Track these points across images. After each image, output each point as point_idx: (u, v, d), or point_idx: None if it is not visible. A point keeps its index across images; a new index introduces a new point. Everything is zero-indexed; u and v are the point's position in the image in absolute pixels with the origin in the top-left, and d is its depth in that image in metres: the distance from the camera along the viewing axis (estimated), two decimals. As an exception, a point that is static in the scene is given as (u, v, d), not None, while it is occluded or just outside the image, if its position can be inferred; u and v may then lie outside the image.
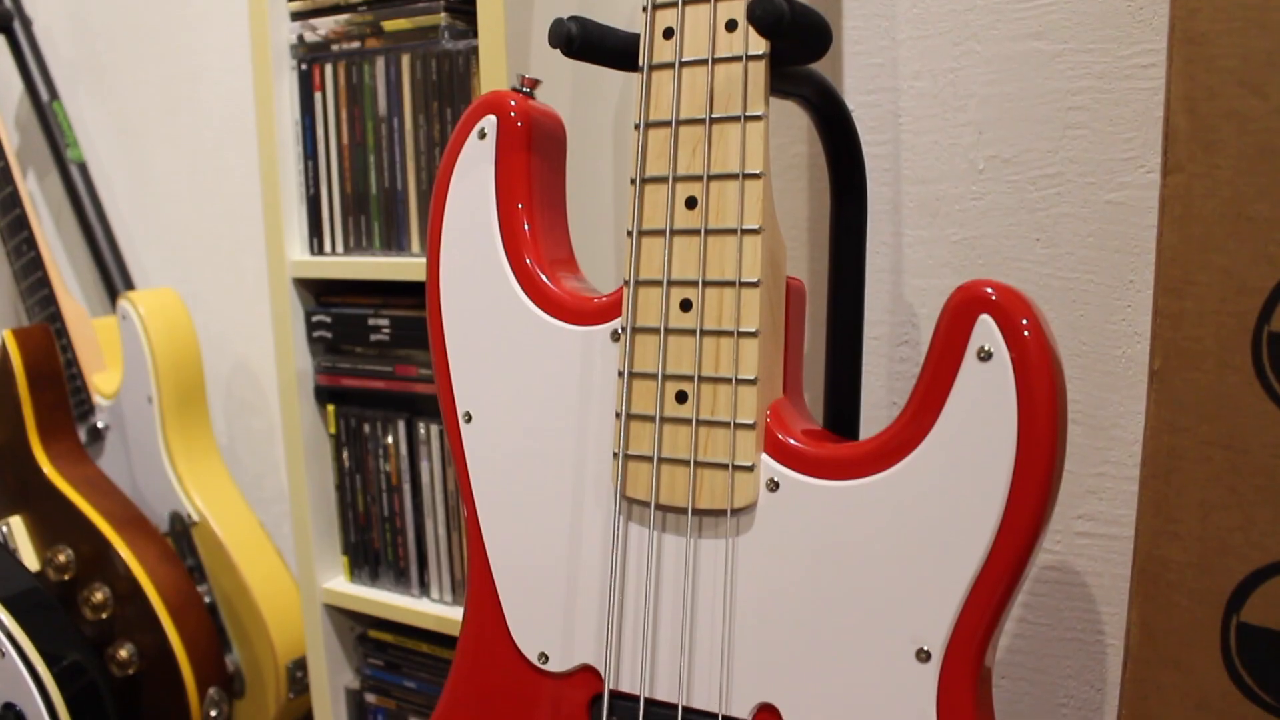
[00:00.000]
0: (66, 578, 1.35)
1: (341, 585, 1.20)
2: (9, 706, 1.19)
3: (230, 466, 1.62)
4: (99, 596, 1.33)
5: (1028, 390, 0.59)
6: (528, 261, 0.75)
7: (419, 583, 1.16)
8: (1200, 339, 0.69)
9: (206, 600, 1.41)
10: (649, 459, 0.69)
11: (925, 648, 0.63)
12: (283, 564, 1.44)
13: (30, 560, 1.37)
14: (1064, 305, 1.01)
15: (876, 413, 1.12)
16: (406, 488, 1.14)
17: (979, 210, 1.03)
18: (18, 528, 1.39)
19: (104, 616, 1.33)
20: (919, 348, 1.09)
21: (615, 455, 0.71)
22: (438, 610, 1.13)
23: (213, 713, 1.35)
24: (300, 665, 1.42)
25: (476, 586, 0.78)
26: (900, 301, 1.09)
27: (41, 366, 1.36)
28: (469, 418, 0.77)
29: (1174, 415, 0.71)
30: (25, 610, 1.22)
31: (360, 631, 1.24)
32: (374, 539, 1.18)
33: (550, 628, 0.75)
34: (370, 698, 1.23)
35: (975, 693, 0.63)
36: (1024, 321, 0.60)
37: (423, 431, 1.11)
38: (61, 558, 1.35)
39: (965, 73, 1.02)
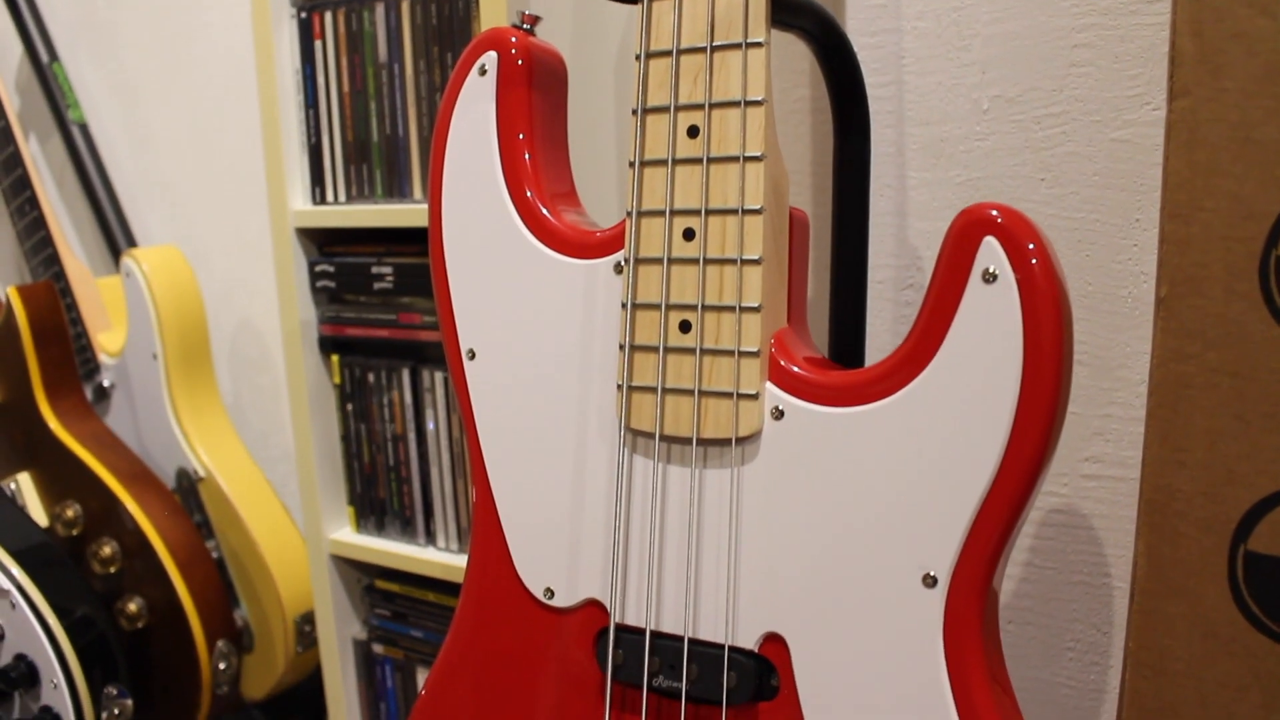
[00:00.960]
0: (75, 533, 1.35)
1: (348, 536, 1.21)
2: (20, 658, 1.20)
3: (236, 425, 1.62)
4: (107, 551, 1.33)
5: (1033, 311, 0.59)
6: (530, 196, 0.74)
7: (425, 532, 1.16)
8: (1207, 265, 0.69)
9: (214, 556, 1.42)
10: (653, 390, 0.69)
11: (931, 573, 0.62)
12: (289, 519, 1.44)
13: (38, 516, 1.38)
14: (1070, 245, 1.00)
15: (881, 356, 1.11)
16: (411, 437, 1.14)
17: (984, 151, 1.03)
18: (26, 484, 1.39)
19: (112, 571, 1.34)
20: (924, 291, 1.08)
21: (619, 387, 0.70)
22: (444, 559, 1.13)
23: (221, 665, 1.35)
24: (308, 619, 1.42)
25: (481, 524, 0.78)
26: (905, 245, 1.09)
27: (46, 323, 1.36)
28: (472, 354, 0.77)
29: (1181, 343, 0.70)
30: (36, 564, 1.22)
31: (367, 582, 1.25)
32: (379, 489, 1.18)
33: (555, 563, 0.75)
34: (378, 648, 1.24)
35: (982, 618, 0.63)
36: (1029, 243, 0.59)
37: (427, 380, 1.11)
38: (69, 513, 1.35)
39: (968, 12, 1.01)
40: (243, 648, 1.44)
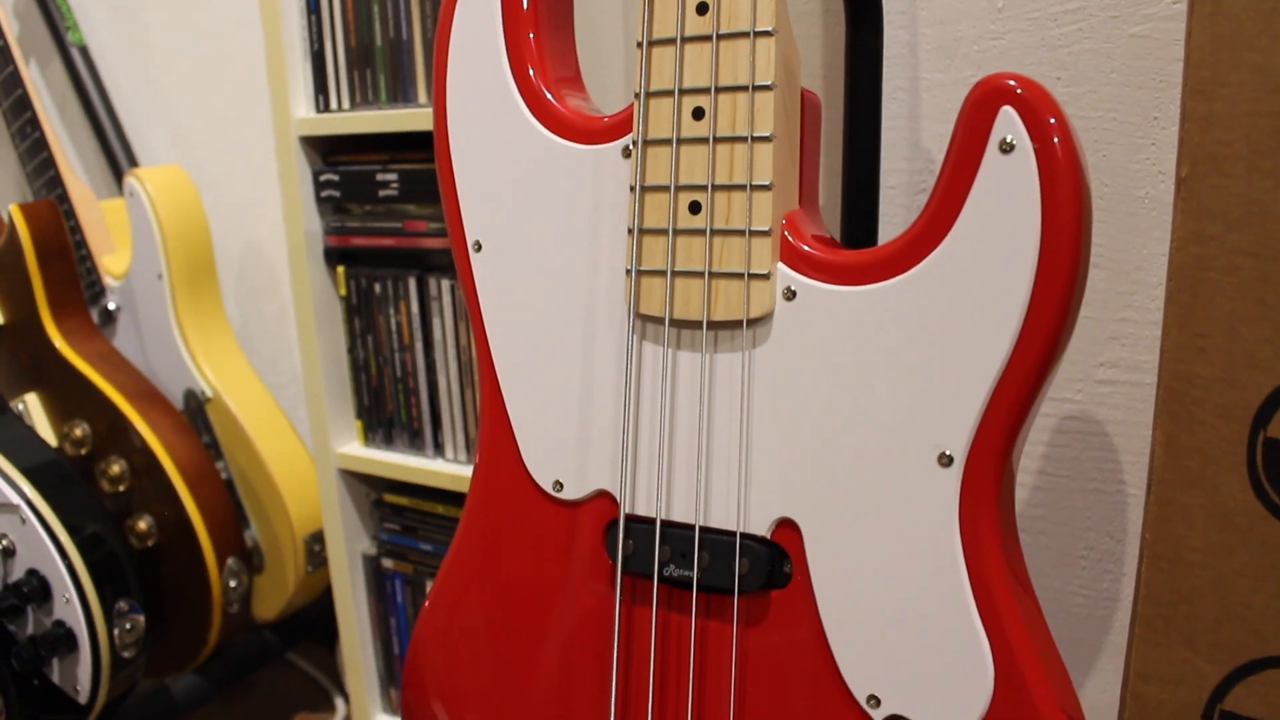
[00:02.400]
0: (83, 452, 1.35)
1: (356, 450, 1.20)
2: (33, 573, 1.20)
3: (244, 351, 1.61)
4: (116, 469, 1.33)
5: (1052, 181, 0.58)
6: (535, 82, 0.73)
7: (433, 443, 1.15)
8: (1230, 143, 0.67)
9: (223, 477, 1.41)
10: (662, 273, 0.68)
11: (947, 452, 0.61)
12: (298, 439, 1.43)
13: (47, 436, 1.38)
14: (1086, 146, 0.98)
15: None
16: (419, 346, 1.13)
17: (998, 50, 1.00)
18: (33, 404, 1.39)
19: (121, 489, 1.34)
20: (937, 195, 1.07)
21: (628, 272, 0.69)
22: (452, 469, 1.12)
23: (232, 583, 1.35)
24: (318, 539, 1.42)
25: (489, 419, 0.77)
26: (918, 149, 1.07)
27: (50, 241, 1.34)
28: (478, 246, 0.76)
29: (1201, 225, 0.69)
30: (46, 481, 1.22)
31: (375, 497, 1.24)
32: (387, 401, 1.17)
33: (564, 455, 0.74)
34: (387, 563, 1.24)
35: (998, 499, 0.62)
36: (1047, 112, 0.58)
37: (434, 288, 1.10)
38: (78, 432, 1.35)
39: (985, -95, 0.99)
40: (253, 568, 1.44)
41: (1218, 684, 0.74)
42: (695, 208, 0.66)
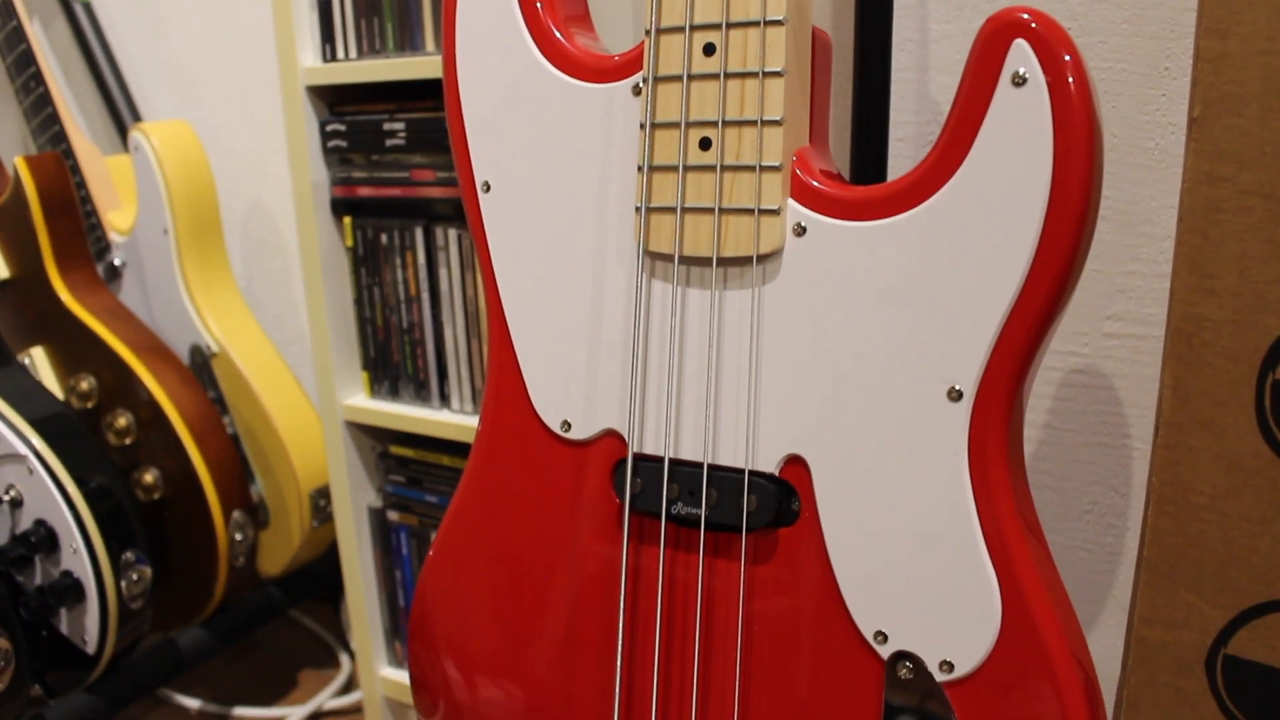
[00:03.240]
0: (89, 405, 1.35)
1: (362, 401, 1.20)
2: (40, 523, 1.20)
3: (250, 309, 1.61)
4: (122, 422, 1.33)
5: (1064, 114, 0.57)
6: (544, 21, 0.73)
7: (439, 395, 1.15)
8: (1243, 82, 0.66)
9: (229, 432, 1.42)
10: (672, 210, 0.67)
11: (957, 386, 0.61)
12: (303, 394, 1.43)
13: (53, 390, 1.38)
14: (1096, 95, 0.98)
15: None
16: (425, 297, 1.13)
17: (1007, 0, 1.00)
18: (39, 358, 1.39)
19: (128, 442, 1.34)
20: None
21: (637, 210, 0.69)
22: (458, 420, 1.13)
23: (238, 536, 1.36)
24: (323, 493, 1.42)
25: (497, 363, 0.77)
26: (926, 100, 1.07)
27: (55, 194, 1.34)
28: (487, 187, 0.76)
29: (1213, 165, 0.68)
30: (53, 433, 1.22)
31: (381, 449, 1.24)
32: (393, 352, 1.17)
33: (572, 395, 0.74)
34: (393, 515, 1.24)
35: (1007, 434, 0.62)
36: (1060, 45, 0.58)
37: (440, 238, 1.10)
38: (84, 385, 1.35)
39: None
40: (258, 523, 1.44)
41: (1222, 628, 0.75)
42: (705, 144, 0.66)
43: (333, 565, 1.55)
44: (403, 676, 1.29)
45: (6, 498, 1.21)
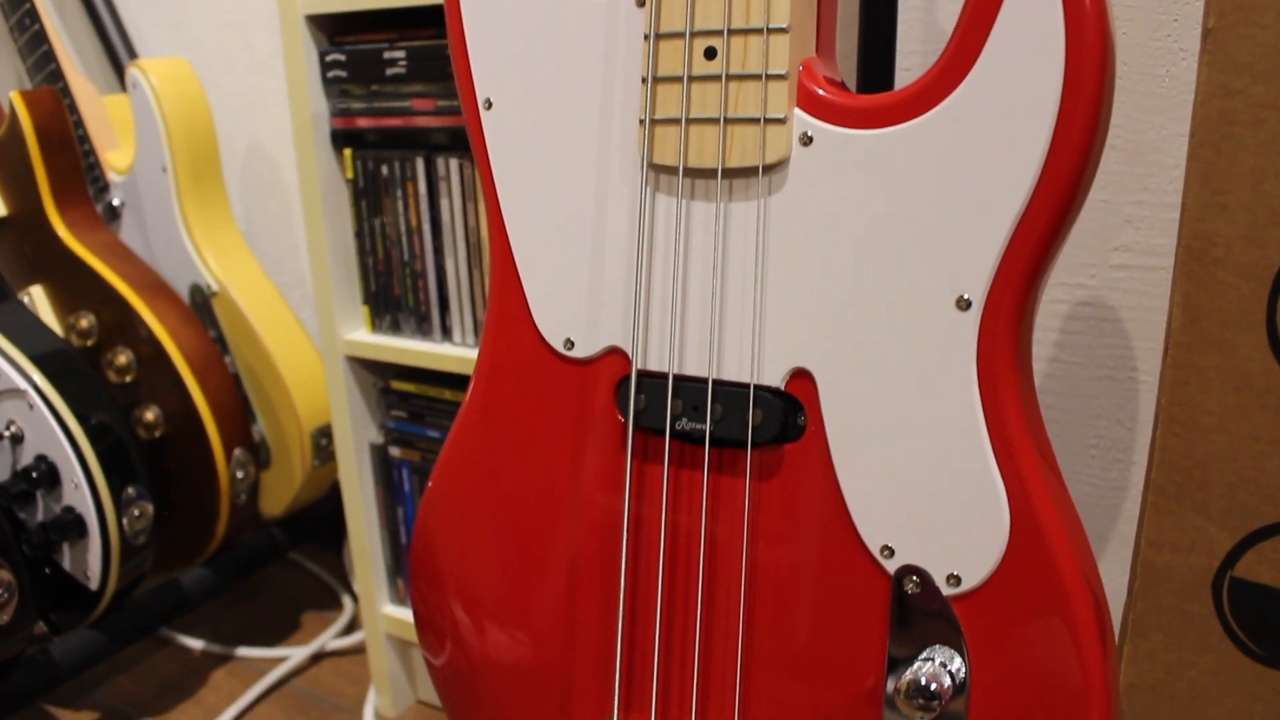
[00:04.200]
0: (89, 344, 1.35)
1: (363, 336, 1.19)
2: (41, 458, 1.20)
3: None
4: (123, 360, 1.32)
5: (1076, 16, 0.56)
6: (547, -69, 0.71)
7: (440, 328, 1.15)
8: (1259, -10, 0.65)
9: (230, 372, 1.41)
10: (677, 121, 0.66)
11: (965, 295, 0.61)
12: (304, 333, 1.43)
13: (52, 329, 1.37)
14: (1106, 21, 0.96)
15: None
16: (426, 228, 1.12)
17: (1019, -76, 0.98)
18: (39, 297, 1.38)
19: (128, 380, 1.33)
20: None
21: (641, 122, 0.68)
22: (460, 353, 1.12)
23: (239, 474, 1.36)
24: (325, 433, 1.42)
25: (499, 284, 0.76)
26: (934, 30, 1.05)
27: (52, 129, 1.33)
28: (489, 104, 0.74)
29: (1227, 78, 0.67)
30: (54, 369, 1.22)
31: (382, 385, 1.24)
32: (394, 285, 1.16)
33: (575, 313, 0.73)
34: (394, 451, 1.23)
35: (1016, 345, 0.61)
36: (1075, -56, 0.56)
37: (442, 168, 1.09)
38: (84, 323, 1.34)
39: None
40: (260, 463, 1.44)
41: (1229, 550, 0.74)
42: (710, 53, 0.65)
43: (335, 507, 1.55)
44: (405, 614, 1.29)
45: (7, 433, 1.21)
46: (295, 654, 1.48)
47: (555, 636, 0.79)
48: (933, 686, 0.62)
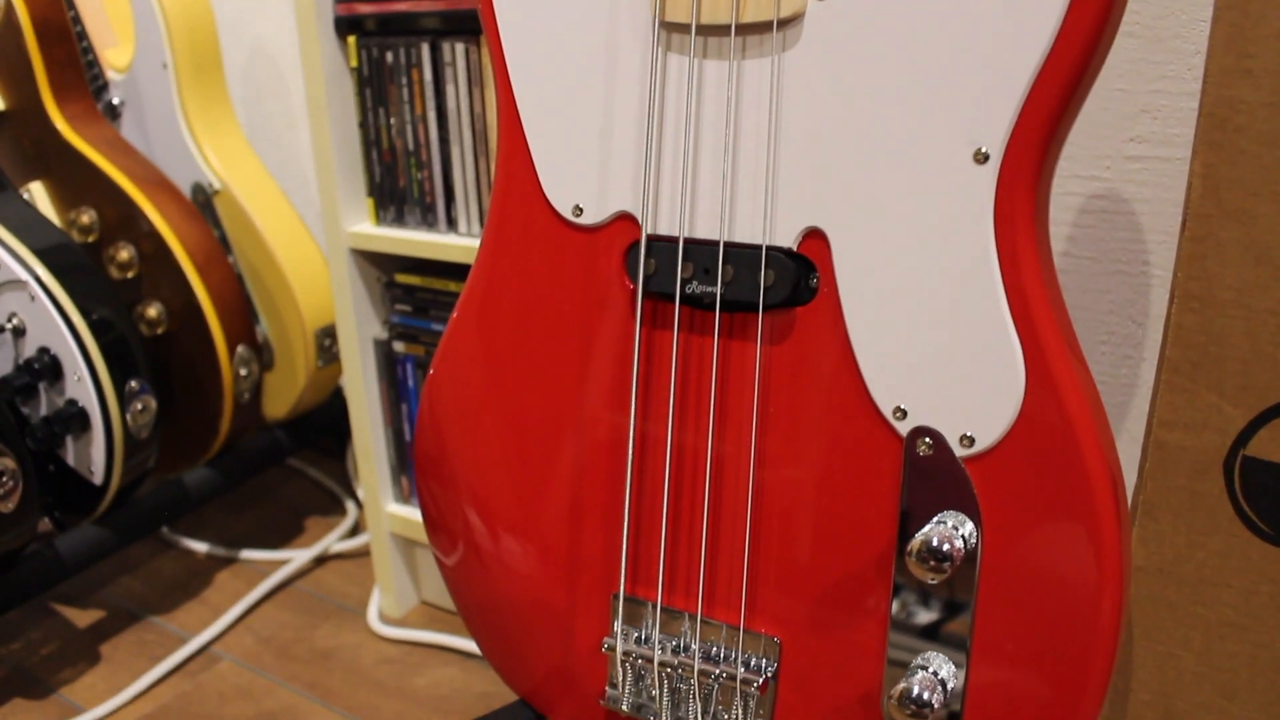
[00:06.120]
0: (90, 239, 1.33)
1: (367, 229, 1.18)
2: (44, 350, 1.19)
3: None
4: (124, 255, 1.31)
5: None
6: None
7: (446, 218, 1.13)
8: None
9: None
10: (690, -26, 0.65)
11: (983, 148, 0.59)
12: (307, 232, 1.41)
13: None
14: (1129, -100, 0.94)
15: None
16: (432, 116, 1.10)
17: None
18: (38, 193, 1.36)
19: (130, 276, 1.32)
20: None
21: (654, -24, 0.66)
22: (465, 243, 1.11)
23: (242, 371, 1.35)
24: (328, 333, 1.41)
25: (506, 153, 0.75)
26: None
27: (49, 20, 1.30)
28: (497, -34, 0.73)
29: (1256, -65, 0.66)
30: (56, 263, 1.21)
31: (387, 279, 1.23)
32: (399, 176, 1.15)
33: (584, 178, 0.72)
34: (398, 346, 1.23)
35: (1034, 203, 0.60)
36: None
37: (447, 54, 1.07)
38: (85, 219, 1.33)
39: None
40: (263, 365, 1.43)
41: (1242, 429, 0.73)
42: (726, -98, 0.63)
43: (338, 411, 1.55)
44: (409, 513, 1.29)
45: (9, 325, 1.20)
46: (299, 556, 1.48)
47: (564, 509, 0.78)
48: (945, 547, 0.61)
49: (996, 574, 0.64)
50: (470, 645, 1.27)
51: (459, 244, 1.10)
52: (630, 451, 0.73)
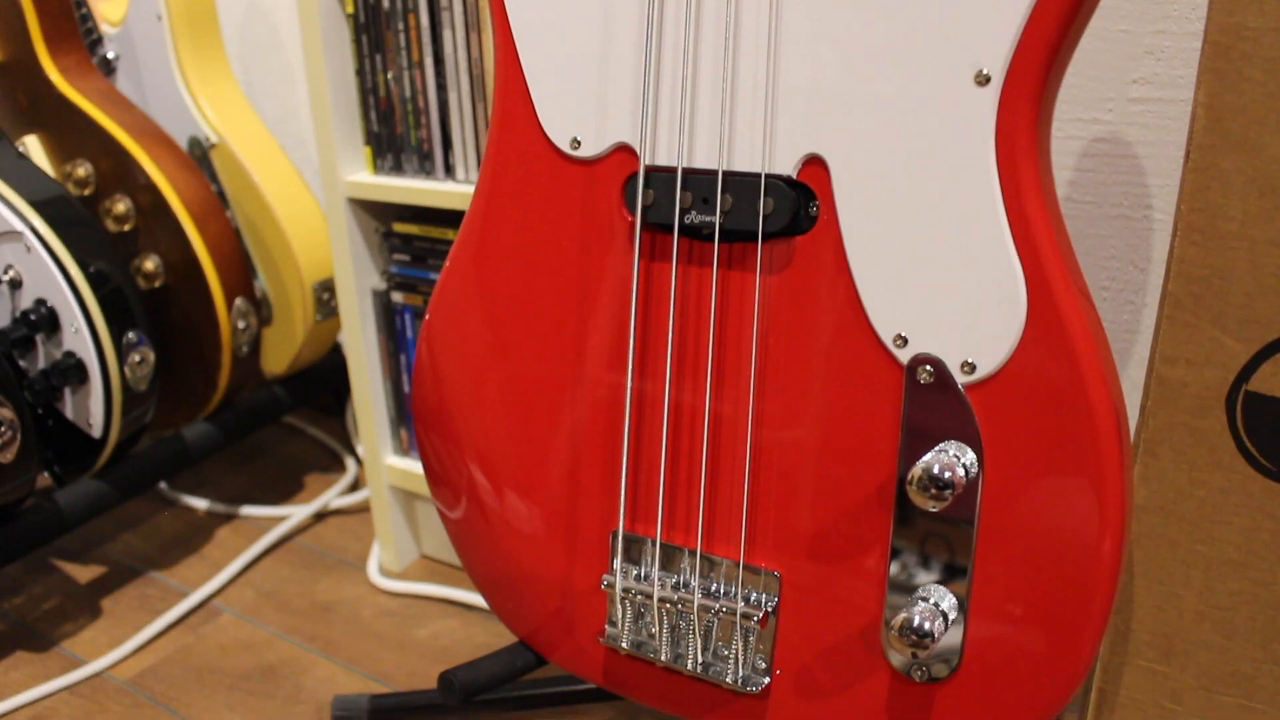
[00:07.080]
0: (86, 192, 1.33)
1: (365, 178, 1.17)
2: (40, 302, 1.19)
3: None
4: (121, 208, 1.30)
5: None
6: None
7: (444, 166, 1.12)
8: None
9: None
10: (688, -103, 0.64)
11: (984, 70, 0.59)
12: (304, 185, 1.41)
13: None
14: None
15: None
16: (429, 61, 1.09)
17: None
18: (34, 146, 1.35)
19: (126, 229, 1.31)
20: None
21: (651, -100, 0.65)
22: (463, 189, 1.10)
23: (240, 324, 1.34)
24: (326, 287, 1.41)
25: (503, 87, 0.74)
26: None
27: (42, -30, 1.29)
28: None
29: None
30: (53, 215, 1.20)
31: (385, 229, 1.22)
32: (396, 124, 1.14)
33: (581, 110, 0.71)
34: (397, 296, 1.22)
35: (1036, 127, 0.59)
36: None
37: (444, -2, 1.06)
38: (81, 172, 1.32)
39: None
40: (261, 320, 1.43)
41: (1245, 363, 0.73)
42: None
43: (336, 367, 1.55)
44: (409, 465, 1.28)
45: (5, 277, 1.19)
46: (299, 512, 1.48)
47: (564, 447, 0.78)
48: (946, 475, 0.61)
49: (997, 505, 0.64)
50: (470, 597, 1.27)
51: (457, 191, 1.10)
52: (629, 386, 0.73)
